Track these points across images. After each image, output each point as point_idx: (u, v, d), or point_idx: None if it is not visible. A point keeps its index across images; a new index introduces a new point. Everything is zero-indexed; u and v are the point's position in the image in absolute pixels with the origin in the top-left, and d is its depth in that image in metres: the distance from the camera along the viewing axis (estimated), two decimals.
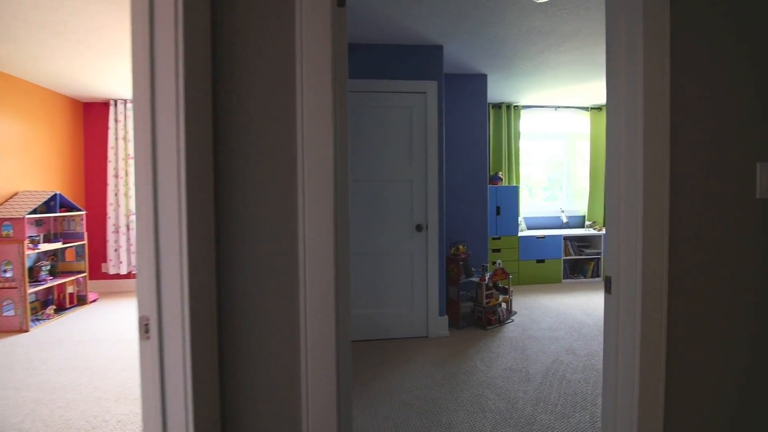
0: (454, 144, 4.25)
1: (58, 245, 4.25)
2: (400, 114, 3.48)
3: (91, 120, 5.16)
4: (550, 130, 5.95)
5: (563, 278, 5.50)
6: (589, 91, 5.02)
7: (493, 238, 5.19)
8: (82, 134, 5.14)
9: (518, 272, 5.31)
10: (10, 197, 4.02)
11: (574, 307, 4.38)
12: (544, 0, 2.64)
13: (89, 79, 4.21)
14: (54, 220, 4.48)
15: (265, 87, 1.07)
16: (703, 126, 1.21)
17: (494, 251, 5.19)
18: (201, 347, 0.95)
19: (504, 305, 4.01)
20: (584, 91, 5.05)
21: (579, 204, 6.07)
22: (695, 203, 1.21)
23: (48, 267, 4.20)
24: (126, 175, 5.10)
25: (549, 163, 6.15)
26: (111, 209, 5.05)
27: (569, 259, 5.57)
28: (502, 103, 5.53)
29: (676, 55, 1.18)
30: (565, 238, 5.51)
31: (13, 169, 4.08)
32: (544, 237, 5.40)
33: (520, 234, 5.35)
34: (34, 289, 3.89)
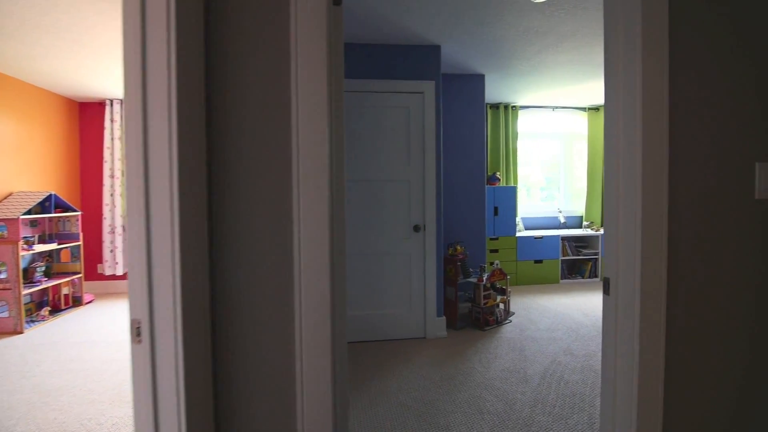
0: (451, 144, 4.24)
1: (53, 246, 4.22)
2: (398, 114, 3.47)
3: (87, 120, 5.13)
4: (547, 131, 5.95)
5: (561, 278, 5.50)
6: (587, 91, 5.02)
7: (491, 239, 5.19)
8: (77, 134, 5.11)
9: (516, 273, 5.31)
10: (4, 198, 3.99)
11: (572, 307, 4.38)
12: (542, 0, 2.64)
13: (84, 78, 4.18)
14: (49, 220, 4.44)
15: (259, 86, 1.06)
16: (702, 126, 1.20)
17: (492, 252, 5.18)
18: (194, 351, 0.93)
19: (502, 306, 4.00)
20: (582, 92, 5.06)
21: (576, 204, 6.08)
22: (694, 204, 1.21)
23: (43, 268, 4.17)
24: (122, 176, 5.07)
25: (546, 163, 6.15)
26: (107, 210, 5.02)
27: (567, 259, 5.57)
28: (500, 103, 5.52)
29: (675, 54, 1.17)
30: (563, 238, 5.50)
31: (7, 169, 4.05)
32: (542, 237, 5.39)
33: (517, 234, 5.35)
34: (28, 291, 3.86)
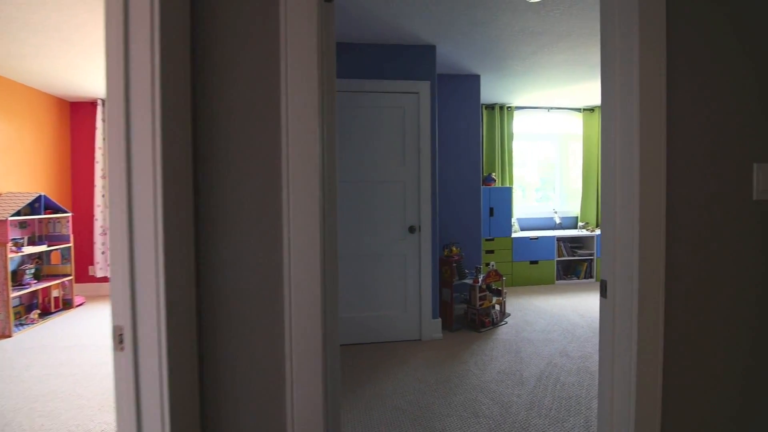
0: (447, 145, 4.22)
1: (43, 248, 4.15)
2: (393, 114, 3.44)
3: (79, 120, 5.06)
4: (542, 131, 5.95)
5: (556, 279, 5.50)
6: (582, 92, 5.03)
7: (487, 240, 5.17)
8: (69, 134, 5.03)
9: (512, 274, 5.29)
10: None
11: (568, 308, 4.37)
12: (537, 0, 2.62)
13: (75, 77, 4.12)
14: (39, 222, 4.37)
15: (247, 84, 1.02)
16: (701, 126, 1.19)
17: (488, 252, 5.16)
18: (179, 358, 0.90)
19: (497, 307, 3.99)
20: (577, 92, 5.06)
21: (571, 205, 6.08)
22: (692, 204, 1.19)
23: (32, 270, 4.10)
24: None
25: (542, 164, 6.15)
26: (99, 211, 4.95)
27: (562, 260, 5.57)
28: (496, 104, 5.51)
29: (673, 53, 1.15)
30: (558, 239, 5.50)
31: None
32: (538, 238, 5.39)
33: (513, 235, 5.33)
34: (17, 293, 3.79)
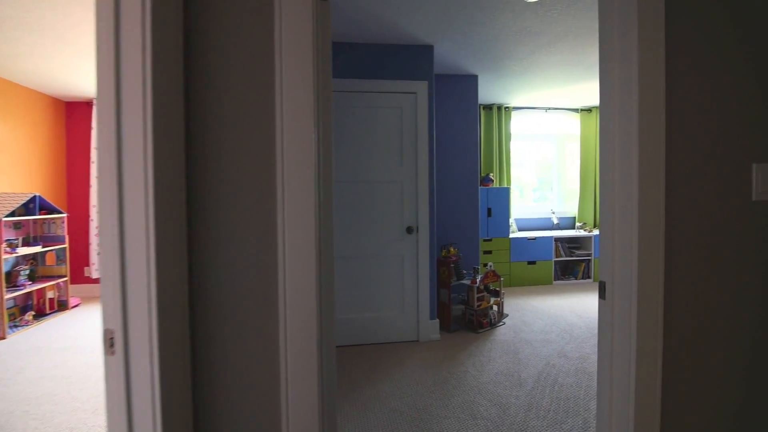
0: (444, 145, 4.21)
1: (37, 249, 4.11)
2: (390, 114, 3.43)
3: (74, 120, 5.02)
4: (540, 132, 5.95)
5: (554, 280, 5.49)
6: (580, 92, 5.03)
7: (485, 240, 5.16)
8: (64, 135, 5.00)
9: (509, 274, 5.29)
10: None
11: (566, 308, 4.36)
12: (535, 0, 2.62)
13: (70, 77, 4.09)
14: (33, 222, 4.33)
15: (241, 83, 1.01)
16: (700, 126, 1.18)
17: (485, 253, 5.15)
18: (171, 362, 0.88)
19: (495, 308, 3.98)
20: (574, 93, 5.06)
21: (569, 205, 6.08)
22: (691, 205, 1.18)
23: (27, 271, 4.06)
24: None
25: (539, 164, 6.15)
26: (95, 211, 4.92)
27: (560, 260, 5.56)
28: (493, 104, 5.51)
29: (672, 52, 1.14)
30: (556, 239, 5.50)
31: None
32: (535, 238, 5.38)
33: (511, 236, 5.33)
34: (12, 295, 3.75)
